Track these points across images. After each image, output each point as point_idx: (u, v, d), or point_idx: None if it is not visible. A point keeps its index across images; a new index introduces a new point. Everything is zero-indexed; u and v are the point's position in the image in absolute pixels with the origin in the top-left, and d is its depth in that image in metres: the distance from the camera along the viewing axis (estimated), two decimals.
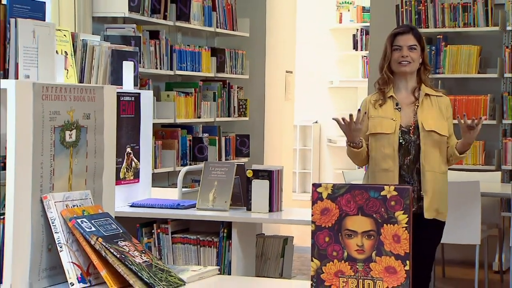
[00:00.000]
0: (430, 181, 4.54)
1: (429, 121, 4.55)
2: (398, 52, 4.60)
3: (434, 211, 4.59)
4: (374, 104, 4.65)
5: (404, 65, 4.58)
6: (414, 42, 4.61)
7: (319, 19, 12.53)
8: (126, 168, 4.56)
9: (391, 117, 4.58)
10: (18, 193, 2.75)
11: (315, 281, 2.83)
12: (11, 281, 2.74)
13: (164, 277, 2.85)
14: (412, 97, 4.65)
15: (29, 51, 2.89)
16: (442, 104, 4.65)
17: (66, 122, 2.93)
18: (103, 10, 6.92)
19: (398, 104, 4.62)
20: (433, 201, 4.56)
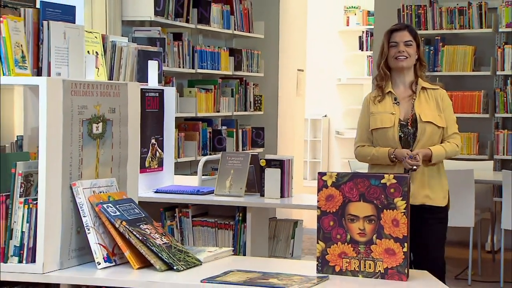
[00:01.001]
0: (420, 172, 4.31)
1: (426, 113, 4.35)
2: (394, 48, 4.40)
3: (424, 197, 4.35)
4: (373, 100, 4.45)
5: (401, 60, 4.38)
6: (410, 38, 4.41)
7: (328, 22, 12.49)
8: (151, 157, 4.56)
9: (390, 112, 4.38)
10: (50, 180, 2.73)
11: (321, 261, 2.80)
12: (44, 260, 2.73)
13: (182, 257, 2.83)
14: (410, 91, 4.44)
15: (60, 51, 2.87)
16: (438, 97, 4.44)
17: (93, 115, 2.91)
18: (131, 14, 6.92)
19: (397, 99, 4.41)
20: (419, 188, 4.32)
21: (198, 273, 2.74)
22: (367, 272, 2.76)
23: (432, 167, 4.38)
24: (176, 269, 2.75)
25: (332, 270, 2.79)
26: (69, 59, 2.92)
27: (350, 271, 2.78)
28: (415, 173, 4.27)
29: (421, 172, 4.32)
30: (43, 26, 2.84)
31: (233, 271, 2.77)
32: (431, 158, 4.30)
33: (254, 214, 4.43)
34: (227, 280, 2.65)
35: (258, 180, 4.56)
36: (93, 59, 3.31)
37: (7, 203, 2.77)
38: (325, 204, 2.81)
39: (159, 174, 4.66)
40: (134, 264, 2.77)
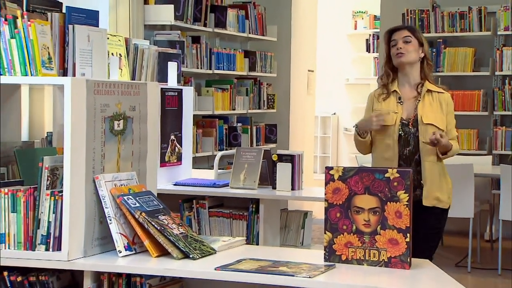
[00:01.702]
0: (429, 171, 4.10)
1: (428, 115, 4.11)
2: (394, 47, 4.17)
3: (434, 199, 4.12)
4: (378, 98, 4.25)
5: (400, 56, 4.13)
6: (408, 34, 4.17)
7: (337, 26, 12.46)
8: (170, 152, 4.55)
9: (393, 110, 4.15)
10: (74, 174, 2.73)
11: (328, 251, 2.79)
12: (68, 248, 2.73)
13: (198, 246, 2.81)
14: (415, 92, 4.20)
15: (84, 53, 2.86)
16: (442, 100, 4.19)
17: (115, 113, 2.90)
18: (153, 19, 6.92)
19: (401, 98, 4.18)
20: (432, 189, 4.11)
21: (213, 261, 2.73)
22: (371, 261, 2.74)
23: (438, 167, 4.17)
24: (192, 257, 2.74)
25: (339, 259, 2.77)
26: (92, 60, 2.91)
27: (355, 260, 2.76)
28: (426, 174, 4.09)
29: (430, 173, 4.11)
30: (68, 29, 2.83)
31: (246, 260, 2.75)
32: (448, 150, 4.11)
33: (266, 205, 4.41)
34: (239, 268, 2.63)
35: (271, 173, 4.54)
36: (117, 61, 3.31)
37: (34, 195, 2.77)
38: (332, 196, 2.79)
39: (178, 168, 4.66)
40: (152, 252, 2.76)
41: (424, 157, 4.10)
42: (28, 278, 2.79)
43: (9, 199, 2.78)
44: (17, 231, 2.78)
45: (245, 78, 8.38)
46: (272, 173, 4.51)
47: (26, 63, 2.76)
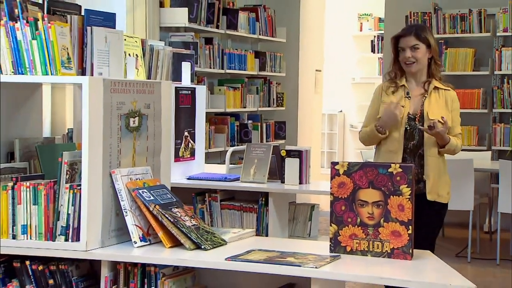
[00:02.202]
0: (432, 166, 4.00)
1: (434, 112, 3.99)
2: (402, 53, 4.06)
3: (435, 194, 4.03)
4: (386, 90, 4.12)
5: (409, 65, 4.04)
6: (416, 42, 4.02)
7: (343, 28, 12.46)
8: (184, 148, 4.55)
9: (401, 104, 4.03)
10: (91, 168, 2.73)
11: (333, 242, 2.77)
12: (87, 239, 2.73)
13: (209, 237, 2.80)
14: (422, 89, 4.09)
15: (102, 53, 2.85)
16: (448, 97, 4.08)
17: (130, 110, 2.90)
18: (168, 21, 6.93)
19: (409, 93, 4.08)
20: (434, 185, 4.01)
21: (223, 252, 2.72)
22: (375, 252, 2.73)
23: (441, 163, 4.07)
24: (204, 248, 2.73)
25: (344, 250, 2.76)
26: (109, 60, 2.90)
27: (360, 251, 2.74)
28: (429, 170, 3.99)
29: (433, 168, 4.01)
30: (87, 31, 2.82)
31: (255, 250, 2.74)
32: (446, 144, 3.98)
33: (275, 198, 4.39)
34: (248, 258, 2.62)
35: (279, 168, 4.52)
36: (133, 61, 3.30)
37: (54, 188, 2.77)
38: (337, 190, 2.77)
39: (191, 163, 4.64)
40: (166, 243, 2.76)
41: (427, 151, 4.02)
42: (49, 267, 2.79)
43: (31, 192, 2.78)
44: (38, 223, 2.78)
45: (255, 77, 8.38)
46: (281, 168, 4.49)
47: (47, 63, 2.76)
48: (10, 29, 2.79)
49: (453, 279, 2.49)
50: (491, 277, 6.41)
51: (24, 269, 2.81)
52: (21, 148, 3.11)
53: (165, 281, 2.66)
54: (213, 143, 7.38)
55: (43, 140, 3.21)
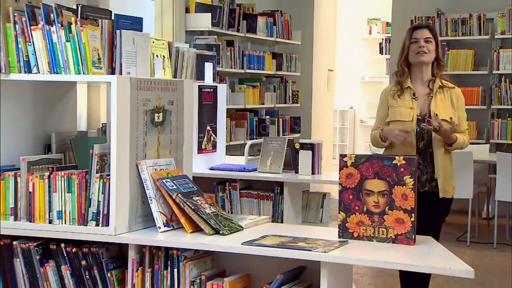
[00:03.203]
0: (441, 164, 3.80)
1: (441, 112, 3.78)
2: (415, 44, 3.85)
3: (445, 190, 3.85)
4: (393, 95, 3.91)
5: (421, 55, 3.82)
6: (430, 35, 3.85)
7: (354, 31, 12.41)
8: (206, 141, 4.52)
9: (409, 106, 3.84)
10: (119, 160, 2.70)
11: (341, 228, 2.73)
12: (115, 224, 2.71)
13: (227, 223, 2.77)
14: (427, 88, 3.89)
15: (130, 54, 2.82)
16: (453, 95, 3.88)
17: (155, 107, 2.86)
18: (193, 25, 6.93)
19: (415, 94, 3.87)
20: (444, 182, 3.83)
21: (240, 237, 2.68)
22: (380, 237, 2.68)
23: (448, 160, 3.87)
24: (222, 233, 2.70)
25: (351, 235, 2.71)
26: (137, 60, 2.86)
27: (366, 237, 2.70)
28: (439, 168, 3.79)
29: (442, 166, 3.81)
30: (116, 34, 2.79)
31: (269, 236, 2.70)
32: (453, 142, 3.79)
33: (290, 187, 4.35)
34: (263, 243, 2.58)
35: (294, 160, 4.48)
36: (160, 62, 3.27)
37: (86, 177, 2.75)
38: (345, 180, 2.73)
39: (213, 154, 4.62)
40: (187, 228, 2.73)
41: (436, 150, 3.82)
42: (82, 249, 2.77)
43: (65, 181, 2.77)
44: (71, 209, 2.76)
45: (272, 76, 8.37)
46: (295, 159, 4.45)
47: (79, 63, 2.74)
48: (46, 32, 2.77)
49: (453, 263, 2.44)
50: (488, 259, 6.38)
51: (59, 251, 2.79)
52: (57, 141, 3.10)
53: (186, 263, 2.63)
54: (234, 136, 7.37)
55: (77, 134, 3.20)
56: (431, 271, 2.49)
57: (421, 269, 2.50)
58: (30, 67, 2.81)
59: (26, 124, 3.04)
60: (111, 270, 2.74)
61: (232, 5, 7.39)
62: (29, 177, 2.80)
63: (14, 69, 2.82)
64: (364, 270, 5.71)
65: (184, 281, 2.62)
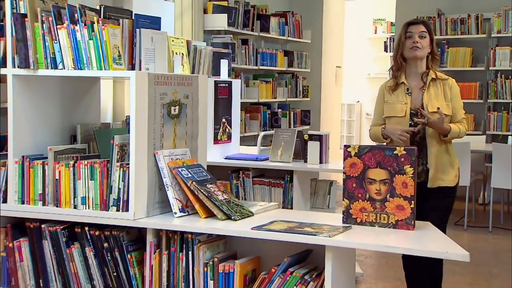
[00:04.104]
0: (434, 156, 3.57)
1: (433, 104, 3.56)
2: (410, 39, 3.62)
3: (438, 179, 3.60)
4: (388, 90, 3.70)
5: (415, 50, 3.59)
6: (424, 30, 3.61)
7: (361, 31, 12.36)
8: (222, 132, 4.48)
9: (403, 101, 3.63)
10: (138, 150, 2.66)
11: (345, 214, 2.67)
12: (134, 209, 2.67)
13: (238, 210, 2.72)
14: (421, 82, 3.65)
15: (148, 51, 2.77)
16: (446, 86, 3.64)
17: (172, 100, 2.82)
18: (211, 25, 6.90)
19: (409, 89, 3.64)
20: (437, 173, 3.58)
21: (250, 222, 2.63)
22: (382, 223, 2.62)
23: (444, 151, 3.63)
24: (233, 218, 2.65)
25: (354, 221, 2.65)
26: (155, 57, 2.81)
27: (368, 222, 2.64)
28: (431, 158, 3.55)
29: (435, 158, 3.58)
30: (136, 32, 2.74)
31: (277, 221, 2.65)
32: (448, 133, 3.55)
33: (299, 176, 4.30)
34: (271, 228, 2.53)
35: (303, 150, 4.43)
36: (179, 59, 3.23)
37: (108, 166, 2.71)
38: (349, 170, 2.67)
39: (228, 145, 4.58)
40: (201, 214, 2.68)
41: (430, 143, 3.60)
42: (104, 233, 2.74)
43: (88, 170, 2.73)
44: (94, 195, 2.73)
45: (284, 72, 8.33)
46: (304, 150, 4.40)
47: (101, 59, 2.70)
48: (71, 31, 2.73)
49: (450, 247, 2.38)
50: (484, 242, 6.33)
51: (83, 234, 2.76)
52: (82, 132, 3.07)
53: (200, 246, 2.59)
54: (248, 128, 7.34)
55: (100, 126, 3.16)
56: (429, 255, 2.42)
57: (420, 253, 2.44)
58: (56, 64, 2.77)
59: (53, 117, 3.01)
60: (131, 252, 2.71)
61: (246, 6, 7.34)
62: (56, 165, 2.78)
63: (42, 65, 2.80)
64: (368, 252, 5.65)
65: (198, 263, 2.58)
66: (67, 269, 2.78)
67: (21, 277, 2.85)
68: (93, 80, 3.21)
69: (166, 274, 2.63)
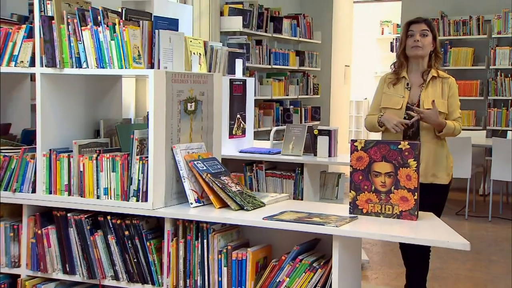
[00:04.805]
0: (427, 151, 3.41)
1: (430, 101, 3.41)
2: (411, 38, 3.47)
3: (431, 176, 3.46)
4: (388, 82, 3.57)
5: (416, 49, 3.45)
6: (426, 28, 3.46)
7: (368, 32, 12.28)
8: (237, 127, 4.45)
9: (401, 95, 3.49)
10: (156, 144, 2.63)
11: (352, 205, 2.63)
12: (153, 200, 2.64)
13: (251, 200, 2.69)
14: (422, 79, 3.51)
15: (166, 51, 2.74)
16: (445, 85, 3.48)
17: (188, 97, 2.78)
18: (226, 27, 6.86)
19: (409, 84, 3.51)
20: (428, 168, 3.43)
21: (262, 212, 2.60)
22: (386, 213, 2.57)
23: (437, 147, 3.48)
24: (246, 209, 2.62)
25: (361, 212, 2.61)
26: (173, 56, 2.78)
27: (374, 213, 2.59)
28: (422, 153, 3.29)
29: (428, 152, 3.43)
30: (155, 33, 2.71)
31: (287, 211, 2.61)
32: (443, 128, 3.41)
33: (309, 168, 4.26)
34: (281, 218, 2.49)
35: (313, 144, 4.38)
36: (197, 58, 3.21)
37: (128, 159, 2.69)
38: (356, 163, 2.62)
39: (242, 139, 4.55)
40: (216, 204, 2.65)
41: (423, 137, 3.45)
42: (125, 221, 2.72)
43: (110, 162, 2.71)
44: (116, 186, 2.70)
45: (296, 71, 8.28)
46: (314, 144, 4.36)
47: (122, 59, 2.67)
48: (94, 32, 2.71)
49: (451, 237, 2.33)
50: (483, 231, 6.26)
51: (106, 223, 2.75)
52: (105, 127, 3.05)
53: (214, 235, 2.56)
54: (262, 123, 7.31)
55: (121, 121, 3.14)
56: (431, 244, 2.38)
57: (423, 242, 2.39)
58: (81, 63, 2.75)
59: (78, 113, 3.00)
60: (150, 240, 2.68)
61: (260, 9, 7.30)
62: (80, 158, 2.76)
63: (67, 64, 2.78)
64: (374, 240, 5.60)
65: (213, 251, 2.55)
66: (91, 255, 2.77)
67: (49, 262, 2.85)
68: (115, 78, 3.18)
69: (183, 260, 2.61)
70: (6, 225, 2.93)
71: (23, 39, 2.88)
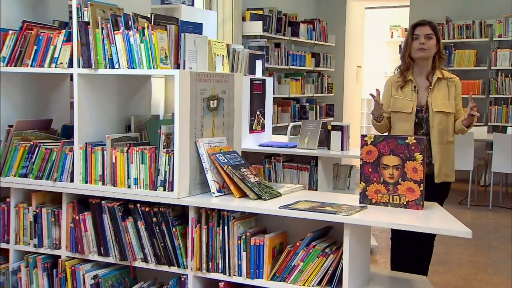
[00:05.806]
0: (438, 152, 3.26)
1: (437, 103, 3.26)
2: (416, 41, 3.30)
3: (443, 175, 3.30)
4: (396, 86, 3.38)
5: (421, 51, 3.28)
6: (431, 32, 3.30)
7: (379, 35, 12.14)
8: (256, 123, 4.40)
9: (410, 98, 3.31)
10: (181, 138, 2.59)
11: (362, 196, 2.57)
12: (178, 189, 2.60)
13: (268, 191, 2.64)
14: (427, 81, 3.34)
15: (191, 53, 2.69)
16: (451, 84, 3.32)
17: (211, 95, 2.74)
18: (248, 31, 6.83)
19: (416, 87, 3.33)
20: (441, 168, 3.28)
21: (278, 202, 2.55)
22: (394, 203, 2.50)
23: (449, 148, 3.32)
24: (263, 198, 2.57)
25: (370, 202, 2.54)
26: (197, 58, 2.73)
27: (382, 203, 2.52)
28: (436, 155, 3.22)
29: (439, 154, 3.27)
30: (181, 36, 2.67)
31: (302, 201, 2.55)
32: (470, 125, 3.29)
33: (323, 161, 4.20)
34: (296, 207, 2.44)
35: (326, 138, 4.32)
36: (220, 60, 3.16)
37: (156, 152, 2.65)
38: (366, 156, 2.55)
39: (262, 134, 4.50)
40: (236, 194, 2.60)
41: (435, 139, 3.28)
42: (153, 209, 2.69)
43: (140, 155, 2.68)
44: (144, 177, 2.67)
45: (312, 72, 8.22)
46: (328, 138, 4.29)
47: (150, 60, 2.63)
48: (125, 36, 2.67)
49: (455, 225, 2.26)
50: (484, 219, 6.17)
51: (136, 210, 2.72)
52: (135, 123, 3.02)
53: (234, 222, 2.51)
54: (280, 119, 7.27)
55: (150, 117, 3.11)
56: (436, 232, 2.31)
57: (428, 230, 2.32)
58: (113, 64, 2.72)
59: (111, 109, 2.97)
60: (176, 226, 2.65)
61: (279, 14, 7.24)
62: (113, 151, 2.74)
63: (101, 65, 2.75)
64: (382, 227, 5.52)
65: (233, 236, 2.51)
66: (122, 239, 2.74)
67: (86, 245, 2.84)
68: (144, 77, 3.15)
69: (206, 245, 2.57)
70: (48, 211, 2.93)
71: (62, 42, 2.87)
